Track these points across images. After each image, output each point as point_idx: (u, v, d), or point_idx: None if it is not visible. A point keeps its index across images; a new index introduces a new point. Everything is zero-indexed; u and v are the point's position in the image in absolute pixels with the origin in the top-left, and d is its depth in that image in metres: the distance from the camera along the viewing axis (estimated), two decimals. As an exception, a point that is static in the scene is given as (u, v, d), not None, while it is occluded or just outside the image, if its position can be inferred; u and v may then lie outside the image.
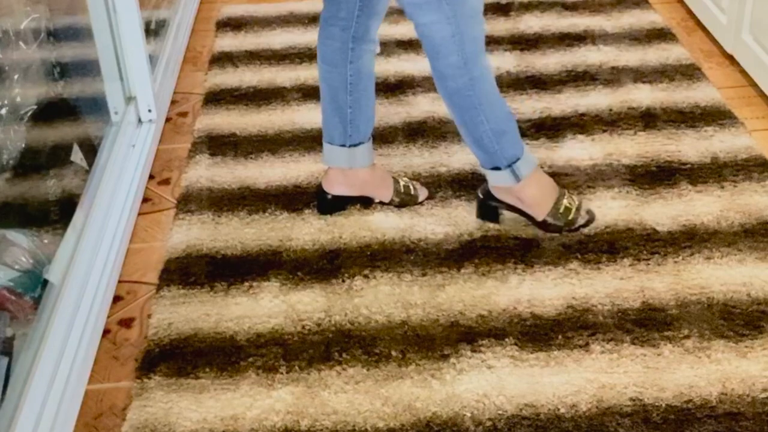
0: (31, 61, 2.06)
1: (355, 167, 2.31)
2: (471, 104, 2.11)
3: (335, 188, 2.34)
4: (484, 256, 2.19)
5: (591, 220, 2.28)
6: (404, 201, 2.36)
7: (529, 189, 2.21)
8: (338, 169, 2.32)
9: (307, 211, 2.37)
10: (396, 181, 2.37)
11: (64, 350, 1.87)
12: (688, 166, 2.49)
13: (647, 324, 1.98)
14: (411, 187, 2.37)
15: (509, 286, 2.10)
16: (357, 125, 2.27)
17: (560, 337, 1.96)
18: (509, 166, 2.18)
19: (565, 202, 2.25)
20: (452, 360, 1.91)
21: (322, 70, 2.26)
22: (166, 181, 2.55)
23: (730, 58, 2.99)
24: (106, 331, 2.04)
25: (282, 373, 1.90)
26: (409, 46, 3.14)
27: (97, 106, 2.55)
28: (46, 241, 2.00)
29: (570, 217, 2.25)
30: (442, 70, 2.09)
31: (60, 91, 2.25)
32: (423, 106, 2.80)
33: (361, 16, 2.15)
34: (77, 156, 2.27)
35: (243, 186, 2.48)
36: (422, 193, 2.39)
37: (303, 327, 2.01)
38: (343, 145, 2.29)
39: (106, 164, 2.36)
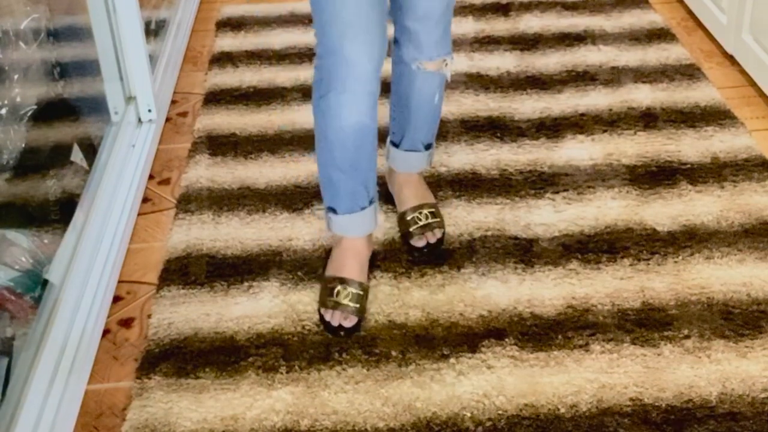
0: (31, 61, 2.06)
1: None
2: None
3: (362, 273, 2.07)
4: (484, 256, 2.19)
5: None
6: None
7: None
8: (364, 237, 2.09)
9: (307, 211, 2.37)
10: None
11: (64, 350, 1.87)
12: (688, 166, 2.49)
13: (647, 324, 1.98)
14: None
15: (509, 286, 2.10)
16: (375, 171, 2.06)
17: (560, 337, 1.96)
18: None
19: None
20: (452, 360, 1.91)
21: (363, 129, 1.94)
22: (166, 181, 2.55)
23: (730, 58, 2.99)
24: (106, 331, 2.04)
25: (282, 373, 1.90)
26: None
27: (97, 106, 2.54)
28: (46, 241, 2.00)
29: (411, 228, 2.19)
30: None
31: (60, 91, 2.25)
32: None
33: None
34: (77, 156, 2.27)
35: (243, 186, 2.48)
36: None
37: (303, 327, 2.01)
38: (371, 202, 2.05)
39: (106, 164, 2.36)
